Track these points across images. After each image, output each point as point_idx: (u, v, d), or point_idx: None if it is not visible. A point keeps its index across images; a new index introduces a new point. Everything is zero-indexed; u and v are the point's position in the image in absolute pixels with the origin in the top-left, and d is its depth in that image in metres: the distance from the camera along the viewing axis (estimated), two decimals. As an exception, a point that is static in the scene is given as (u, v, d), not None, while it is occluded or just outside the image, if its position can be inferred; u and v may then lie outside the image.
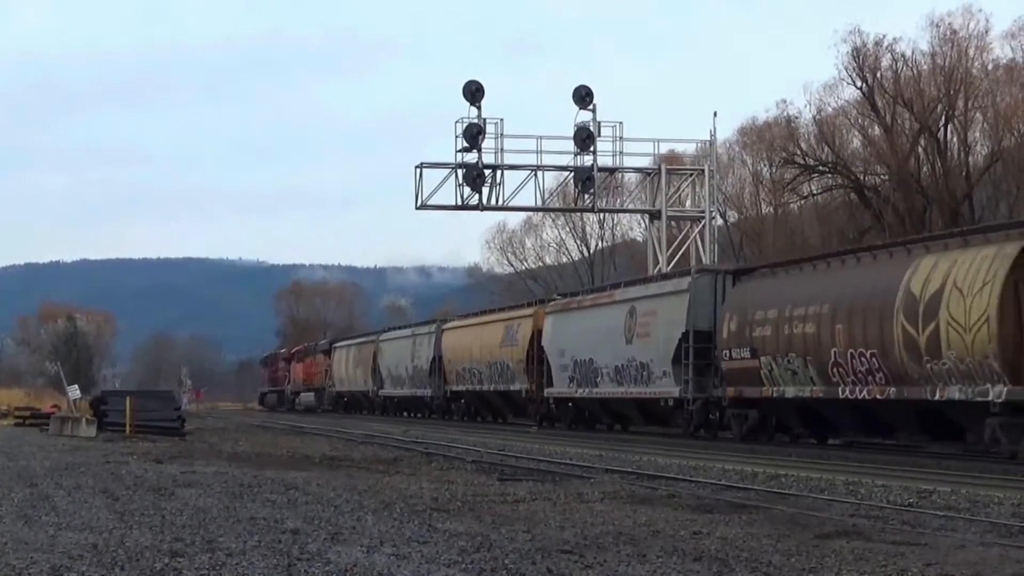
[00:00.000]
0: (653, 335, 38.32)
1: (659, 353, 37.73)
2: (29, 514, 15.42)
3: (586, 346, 42.61)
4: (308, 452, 29.70)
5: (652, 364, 38.22)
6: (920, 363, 26.66)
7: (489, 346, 52.45)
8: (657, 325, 38.20)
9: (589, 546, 12.46)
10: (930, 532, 13.82)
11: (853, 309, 28.98)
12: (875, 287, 28.48)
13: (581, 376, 43.06)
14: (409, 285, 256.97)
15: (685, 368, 36.15)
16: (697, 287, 36.62)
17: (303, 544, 12.42)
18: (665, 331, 37.53)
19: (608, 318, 41.23)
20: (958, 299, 25.67)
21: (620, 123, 51.31)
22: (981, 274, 25.33)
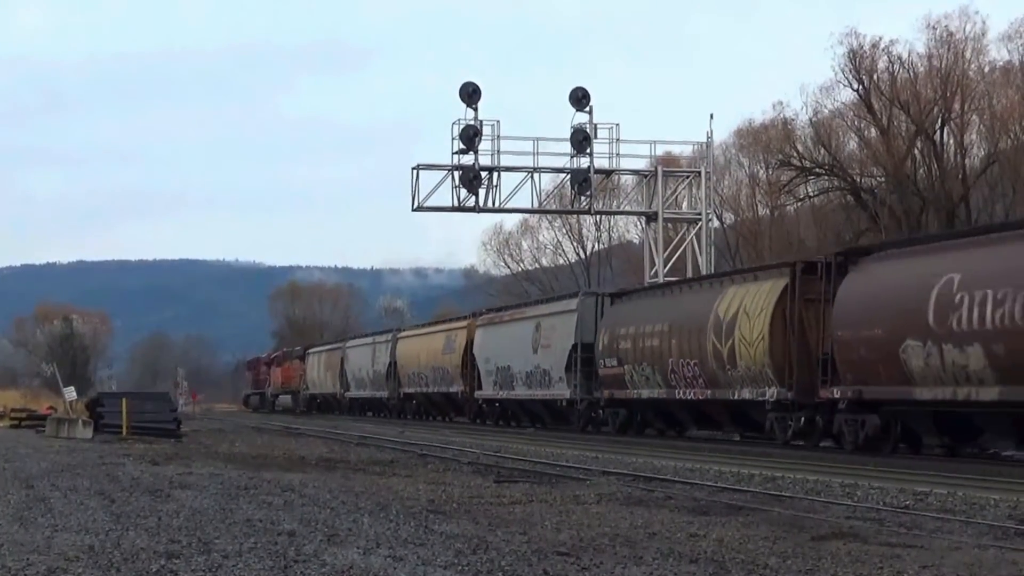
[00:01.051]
0: (552, 346, 45.36)
1: (556, 361, 44.79)
2: (25, 516, 15.41)
3: (505, 354, 49.62)
4: (304, 454, 29.69)
5: (552, 371, 45.22)
6: (725, 370, 34.18)
7: (433, 353, 59.11)
8: (555, 338, 45.22)
9: (585, 548, 12.46)
10: (926, 534, 13.83)
11: (682, 328, 36.49)
12: (696, 311, 36.00)
13: (502, 380, 50.00)
14: (405, 286, 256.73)
15: (574, 374, 42.95)
16: (583, 307, 43.68)
17: (299, 546, 12.42)
18: (560, 343, 44.63)
19: (521, 331, 48.35)
20: (746, 321, 33.32)
21: (616, 125, 51.36)
22: (760, 302, 32.93)
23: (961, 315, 25.56)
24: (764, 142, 69.12)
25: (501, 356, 50.20)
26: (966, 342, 25.47)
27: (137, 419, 39.65)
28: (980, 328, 25.09)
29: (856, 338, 28.77)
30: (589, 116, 50.16)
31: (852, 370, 29.04)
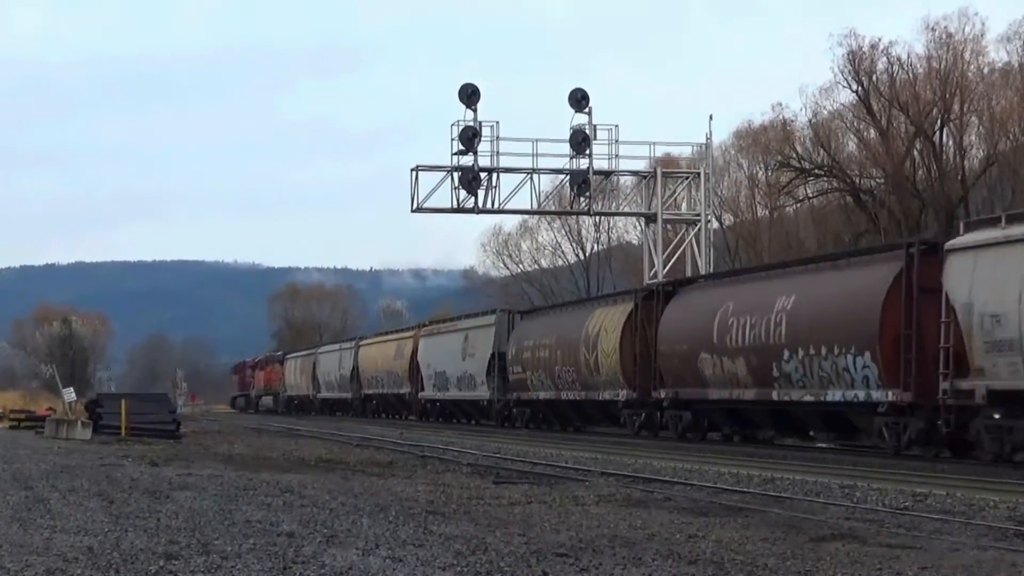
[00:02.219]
0: (476, 355, 52.78)
1: (479, 367, 52.36)
2: (24, 517, 15.40)
3: (442, 361, 57.07)
4: (303, 455, 29.70)
5: (476, 375, 52.80)
6: (592, 376, 42.14)
7: (387, 359, 66.73)
8: (478, 348, 52.72)
9: (584, 549, 12.46)
10: (926, 535, 13.83)
11: (564, 341, 44.36)
12: (573, 328, 43.91)
13: (439, 383, 57.61)
14: (404, 288, 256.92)
15: (493, 379, 50.74)
16: (500, 322, 51.77)
17: (298, 547, 12.41)
18: (482, 352, 52.19)
19: (453, 341, 55.74)
20: (605, 337, 41.17)
21: (616, 126, 51.36)
22: (614, 321, 40.98)
23: (732, 335, 33.30)
24: (763, 143, 69.12)
25: (439, 362, 57.69)
26: (736, 355, 33.16)
27: (136, 420, 39.65)
28: (743, 345, 32.82)
29: (672, 351, 36.77)
30: (588, 117, 50.18)
31: (671, 376, 37.00)
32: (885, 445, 28.20)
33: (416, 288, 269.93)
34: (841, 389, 29.32)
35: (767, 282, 33.79)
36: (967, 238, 25.81)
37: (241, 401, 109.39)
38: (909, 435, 27.59)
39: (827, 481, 20.71)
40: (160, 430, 39.05)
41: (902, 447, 27.65)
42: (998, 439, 24.47)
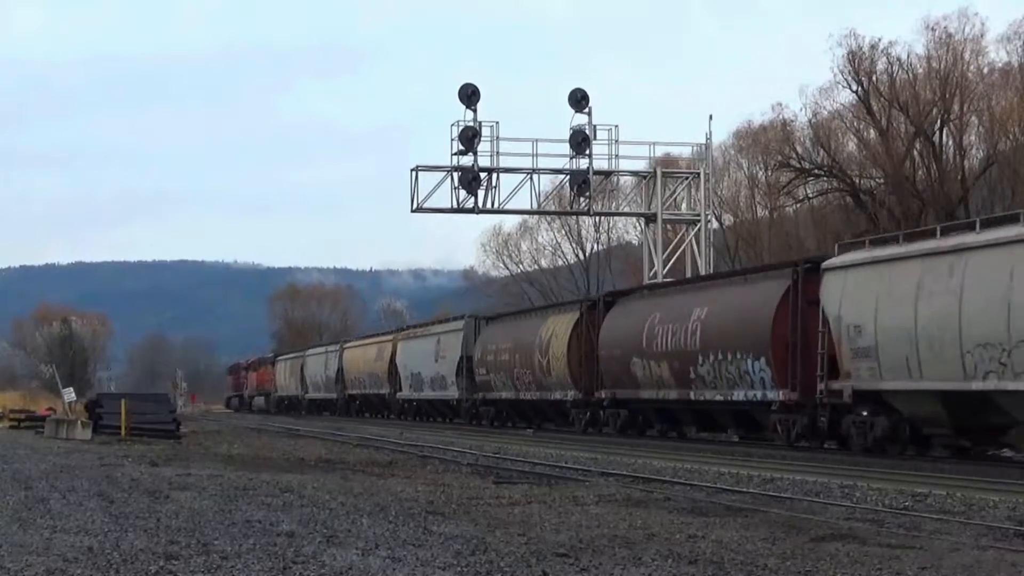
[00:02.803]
0: (447, 357, 56.55)
1: (449, 369, 56.15)
2: (24, 517, 15.40)
3: (417, 363, 61.00)
4: (303, 455, 29.70)
5: (447, 376, 56.60)
6: (546, 378, 45.61)
7: (369, 361, 70.38)
8: (449, 351, 56.50)
9: (584, 549, 12.46)
10: (926, 535, 13.83)
11: (521, 346, 47.90)
12: (529, 333, 47.66)
13: (415, 384, 61.55)
14: (404, 288, 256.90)
15: (462, 379, 54.36)
16: (467, 327, 55.09)
17: (298, 547, 12.42)
18: (452, 355, 55.91)
19: (427, 345, 59.80)
20: (555, 342, 44.87)
21: (616, 126, 51.33)
22: (563, 328, 44.61)
23: (658, 341, 36.96)
24: (763, 143, 69.12)
25: (414, 365, 61.72)
26: (661, 360, 36.84)
27: (136, 420, 39.64)
28: (667, 350, 36.49)
29: (610, 355, 40.32)
30: (588, 117, 50.16)
31: (609, 378, 40.65)
32: (779, 438, 31.73)
33: (416, 288, 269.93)
34: (744, 389, 33.15)
35: (686, 295, 38.19)
36: (839, 259, 29.57)
37: (235, 401, 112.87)
38: (796, 430, 31.05)
39: (827, 481, 20.71)
40: (160, 430, 39.04)
41: (792, 440, 31.15)
42: (863, 433, 28.27)
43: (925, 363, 26.17)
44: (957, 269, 25.61)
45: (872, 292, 27.90)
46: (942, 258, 26.18)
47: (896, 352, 26.92)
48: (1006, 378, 24.16)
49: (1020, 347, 23.84)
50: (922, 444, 27.92)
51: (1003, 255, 24.54)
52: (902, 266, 27.35)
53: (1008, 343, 24.12)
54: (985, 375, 24.70)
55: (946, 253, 26.26)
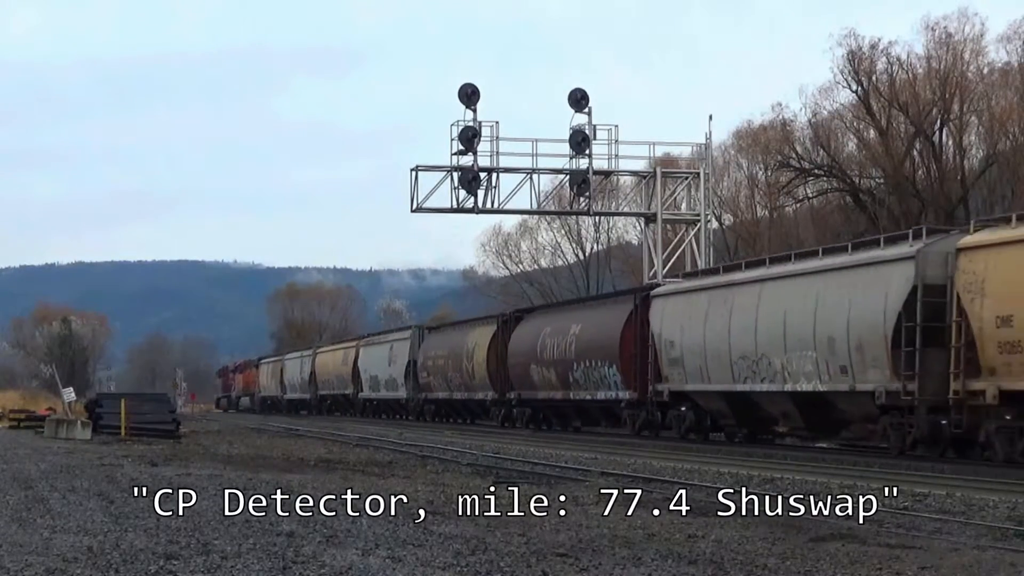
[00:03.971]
0: (398, 362, 64.93)
1: (399, 372, 64.66)
2: (24, 517, 15.40)
3: (375, 367, 69.41)
4: (303, 455, 29.70)
5: (398, 379, 64.82)
6: (472, 381, 53.68)
7: (336, 365, 78.40)
8: (399, 356, 64.77)
9: (584, 549, 12.46)
10: (925, 535, 13.84)
11: (454, 352, 56.42)
12: (460, 342, 56.33)
13: (373, 385, 69.71)
14: (404, 288, 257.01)
15: (409, 381, 62.70)
16: (414, 336, 63.84)
17: (298, 547, 12.41)
18: (401, 360, 64.16)
19: (382, 351, 68.17)
20: (478, 350, 52.96)
21: (616, 126, 51.27)
22: (485, 338, 52.67)
23: (548, 351, 45.67)
24: (763, 143, 69.08)
25: (372, 368, 69.96)
26: (550, 366, 45.53)
27: (136, 420, 39.64)
28: (554, 358, 45.18)
29: (516, 362, 48.86)
30: (588, 117, 50.11)
31: (517, 381, 49.12)
32: (628, 430, 40.39)
33: (416, 288, 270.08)
34: (604, 390, 42.07)
35: (567, 313, 47.69)
36: (661, 289, 39.39)
37: (224, 402, 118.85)
38: (640, 422, 39.72)
39: (827, 481, 20.72)
40: (160, 430, 39.04)
41: (638, 431, 39.60)
42: (680, 424, 37.21)
43: (711, 370, 34.59)
44: (729, 300, 33.95)
45: (680, 316, 36.36)
46: (720, 291, 34.62)
47: (694, 362, 35.37)
48: (756, 381, 32.48)
49: (762, 359, 32.10)
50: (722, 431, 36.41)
51: (753, 290, 32.88)
52: (697, 296, 35.97)
53: (755, 355, 32.53)
54: (744, 379, 32.98)
55: (722, 287, 34.62)
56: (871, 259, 28.88)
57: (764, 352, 31.89)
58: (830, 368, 29.55)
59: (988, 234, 25.67)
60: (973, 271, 25.33)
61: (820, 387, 30.04)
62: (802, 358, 30.51)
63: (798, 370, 30.71)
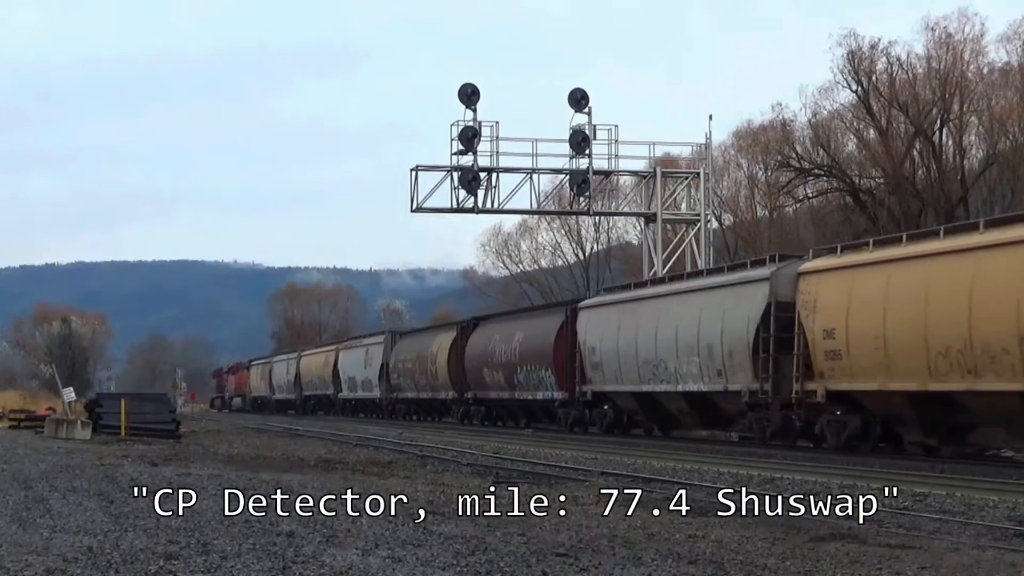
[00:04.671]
0: (373, 365, 70.74)
1: (373, 374, 70.46)
2: (24, 516, 15.40)
3: (352, 369, 75.18)
4: (303, 455, 29.69)
5: (372, 380, 70.54)
6: (436, 381, 59.42)
7: (319, 367, 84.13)
8: (374, 359, 70.67)
9: (584, 549, 12.46)
10: (925, 535, 13.84)
11: (420, 356, 62.14)
12: (425, 347, 62.10)
13: (351, 386, 75.51)
14: (403, 288, 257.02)
15: (383, 382, 68.37)
16: (387, 340, 69.26)
17: (298, 547, 12.41)
18: (375, 363, 70.13)
19: (359, 354, 74.13)
20: (440, 354, 58.66)
21: (616, 126, 51.31)
22: (446, 343, 58.38)
23: (497, 355, 50.98)
24: (763, 143, 69.11)
25: (350, 370, 75.65)
26: (499, 369, 50.69)
27: (136, 420, 39.62)
28: (502, 362, 50.28)
29: (472, 365, 54.21)
30: (588, 117, 50.14)
31: (473, 382, 54.14)
32: (563, 426, 44.92)
33: (415, 288, 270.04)
34: (542, 391, 47.34)
35: (513, 322, 53.07)
36: (585, 302, 44.51)
37: (218, 402, 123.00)
38: (570, 419, 44.33)
39: (827, 481, 20.71)
40: (160, 430, 39.03)
41: (570, 427, 44.13)
42: (602, 420, 42.15)
43: (624, 373, 39.56)
44: (636, 313, 39.20)
45: (599, 326, 41.47)
46: (629, 304, 40.15)
47: (611, 366, 40.38)
48: (657, 383, 37.66)
49: (661, 363, 37.10)
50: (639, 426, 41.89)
51: (655, 304, 38.35)
52: (612, 309, 41.24)
53: (656, 360, 37.46)
54: (649, 381, 38.10)
55: (632, 301, 40.01)
56: (739, 279, 33.92)
57: (662, 357, 37.19)
58: (710, 371, 34.69)
59: (820, 261, 30.66)
60: (808, 291, 30.30)
61: (703, 388, 35.31)
62: (690, 363, 35.71)
63: (687, 373, 35.87)
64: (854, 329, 28.60)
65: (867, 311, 28.26)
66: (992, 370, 25.08)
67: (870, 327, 28.04)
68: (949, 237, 27.31)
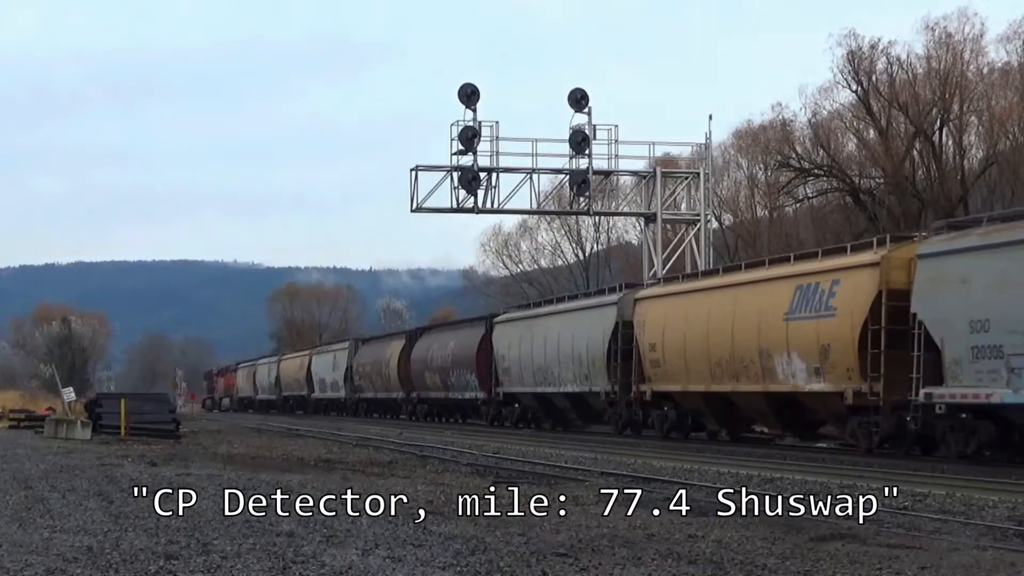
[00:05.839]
0: (338, 368, 78.89)
1: (340, 376, 78.23)
2: (24, 517, 15.41)
3: (323, 372, 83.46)
4: (303, 455, 29.70)
5: (340, 381, 78.32)
6: (390, 382, 66.58)
7: (296, 370, 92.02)
8: (340, 363, 78.41)
9: (584, 549, 12.46)
10: (925, 535, 13.84)
11: (378, 360, 69.69)
12: (381, 352, 70.35)
13: (321, 388, 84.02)
14: (403, 288, 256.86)
15: (348, 384, 75.66)
16: (351, 346, 77.30)
17: (298, 547, 12.41)
18: (341, 366, 77.97)
19: (328, 359, 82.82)
20: (392, 359, 66.50)
21: (615, 126, 51.22)
22: (397, 349, 66.14)
23: (435, 360, 59.28)
24: (763, 143, 69.06)
25: (321, 373, 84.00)
26: (435, 372, 59.14)
27: (136, 420, 39.62)
28: (439, 367, 58.60)
29: (416, 369, 62.36)
30: (588, 117, 50.08)
31: (417, 384, 62.44)
32: (484, 420, 53.28)
33: (415, 288, 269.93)
34: (469, 391, 55.02)
35: (449, 332, 61.46)
36: (498, 318, 52.77)
37: (208, 402, 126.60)
38: (491, 416, 52.14)
39: (827, 481, 20.72)
40: (160, 430, 39.03)
41: (490, 422, 51.83)
42: (512, 416, 50.44)
43: (525, 377, 47.97)
44: (532, 328, 48.01)
45: (508, 337, 50.11)
46: (527, 321, 49.01)
47: (516, 371, 48.69)
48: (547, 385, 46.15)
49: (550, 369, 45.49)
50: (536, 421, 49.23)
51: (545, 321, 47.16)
52: (517, 324, 49.92)
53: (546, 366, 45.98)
54: (541, 383, 46.55)
55: (529, 319, 48.98)
56: (597, 303, 43.43)
57: (549, 365, 45.64)
58: (580, 376, 43.21)
59: (650, 290, 40.32)
60: (641, 314, 39.03)
61: (577, 389, 43.74)
62: (568, 369, 44.12)
63: (566, 378, 44.35)
64: (668, 344, 37.17)
65: (675, 330, 36.88)
66: (746, 376, 33.32)
67: (677, 343, 36.68)
68: (727, 274, 36.54)
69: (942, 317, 25.76)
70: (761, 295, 32.75)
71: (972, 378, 25.02)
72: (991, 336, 24.58)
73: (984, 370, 24.77)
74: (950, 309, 25.57)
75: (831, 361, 29.62)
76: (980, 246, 25.46)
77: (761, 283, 33.21)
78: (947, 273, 25.95)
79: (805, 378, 30.79)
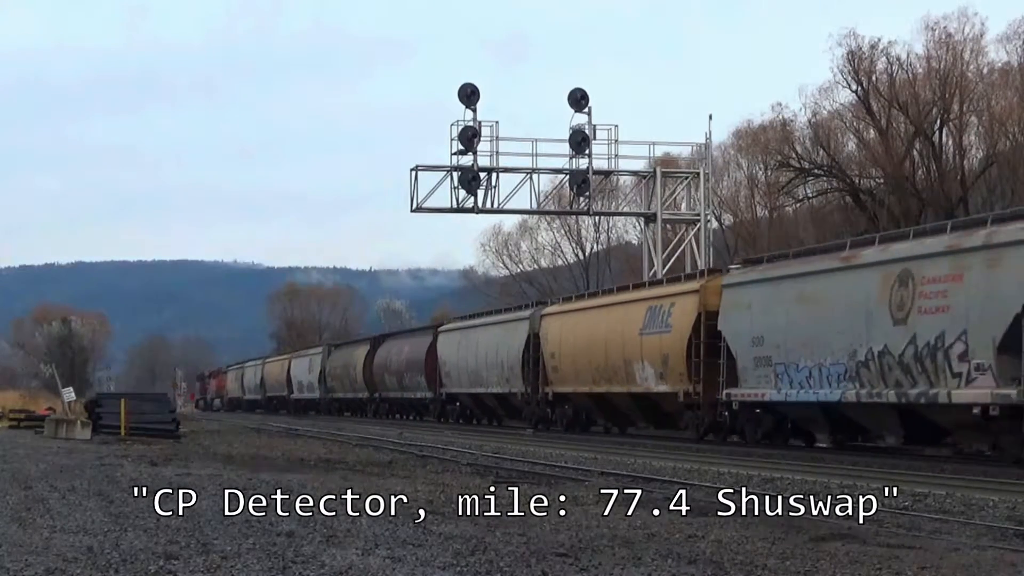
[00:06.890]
0: (314, 371, 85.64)
1: (315, 378, 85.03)
2: (23, 516, 15.40)
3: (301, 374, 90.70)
4: (303, 455, 29.68)
5: (314, 383, 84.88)
6: (355, 384, 73.54)
7: (278, 372, 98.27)
8: (315, 366, 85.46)
9: (584, 549, 12.45)
10: (925, 535, 13.83)
11: (348, 364, 75.27)
12: (350, 356, 77.32)
13: (299, 389, 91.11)
14: (403, 288, 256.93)
15: (322, 386, 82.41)
16: (324, 351, 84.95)
17: (298, 547, 12.41)
18: (316, 369, 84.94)
19: (305, 362, 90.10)
20: (358, 362, 73.36)
21: (615, 126, 51.36)
22: (362, 354, 72.85)
23: (392, 364, 66.36)
24: (763, 143, 69.08)
25: (299, 375, 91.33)
26: (393, 374, 66.32)
27: (136, 420, 39.59)
28: (396, 369, 65.62)
29: (378, 371, 69.15)
30: (588, 117, 50.17)
31: (378, 385, 69.67)
32: (433, 417, 60.81)
33: (415, 288, 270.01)
34: (420, 392, 62.56)
35: (404, 339, 69.14)
36: (444, 327, 60.82)
37: (201, 403, 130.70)
38: (437, 413, 59.93)
39: (827, 481, 20.71)
40: (159, 430, 39.01)
41: (437, 419, 59.18)
42: (454, 413, 57.88)
43: (463, 380, 55.37)
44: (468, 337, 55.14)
45: (449, 345, 57.65)
46: (465, 331, 56.39)
47: (455, 374, 56.45)
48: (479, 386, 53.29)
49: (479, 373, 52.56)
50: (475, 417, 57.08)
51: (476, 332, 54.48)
52: (456, 333, 57.69)
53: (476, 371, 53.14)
54: (474, 384, 53.82)
55: (466, 328, 56.25)
56: (515, 318, 50.47)
57: (480, 369, 52.95)
58: (503, 379, 50.38)
59: (552, 308, 47.60)
60: (545, 327, 46.68)
61: (501, 390, 50.87)
62: (494, 373, 51.35)
63: (493, 380, 51.50)
64: (563, 353, 44.80)
65: (568, 342, 44.44)
66: (616, 380, 40.78)
67: (570, 352, 44.12)
68: (604, 295, 45.11)
69: (736, 333, 33.49)
70: (624, 314, 40.60)
71: (754, 381, 32.72)
72: (764, 349, 32.11)
73: (761, 375, 32.31)
74: (741, 327, 33.24)
75: (670, 367, 37.37)
76: (757, 279, 33.17)
77: (625, 304, 41.16)
78: (739, 299, 33.59)
79: (654, 381, 38.47)
